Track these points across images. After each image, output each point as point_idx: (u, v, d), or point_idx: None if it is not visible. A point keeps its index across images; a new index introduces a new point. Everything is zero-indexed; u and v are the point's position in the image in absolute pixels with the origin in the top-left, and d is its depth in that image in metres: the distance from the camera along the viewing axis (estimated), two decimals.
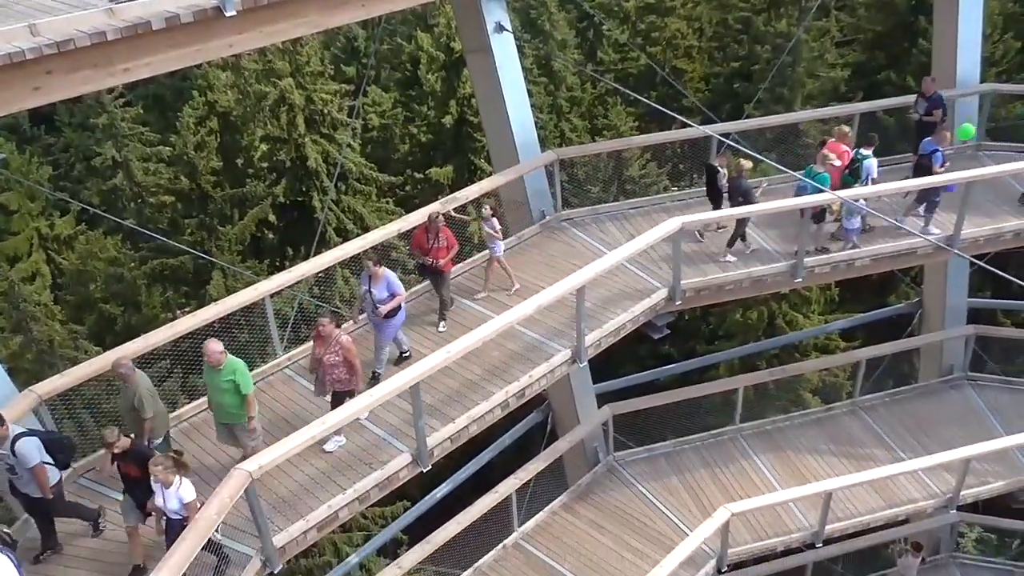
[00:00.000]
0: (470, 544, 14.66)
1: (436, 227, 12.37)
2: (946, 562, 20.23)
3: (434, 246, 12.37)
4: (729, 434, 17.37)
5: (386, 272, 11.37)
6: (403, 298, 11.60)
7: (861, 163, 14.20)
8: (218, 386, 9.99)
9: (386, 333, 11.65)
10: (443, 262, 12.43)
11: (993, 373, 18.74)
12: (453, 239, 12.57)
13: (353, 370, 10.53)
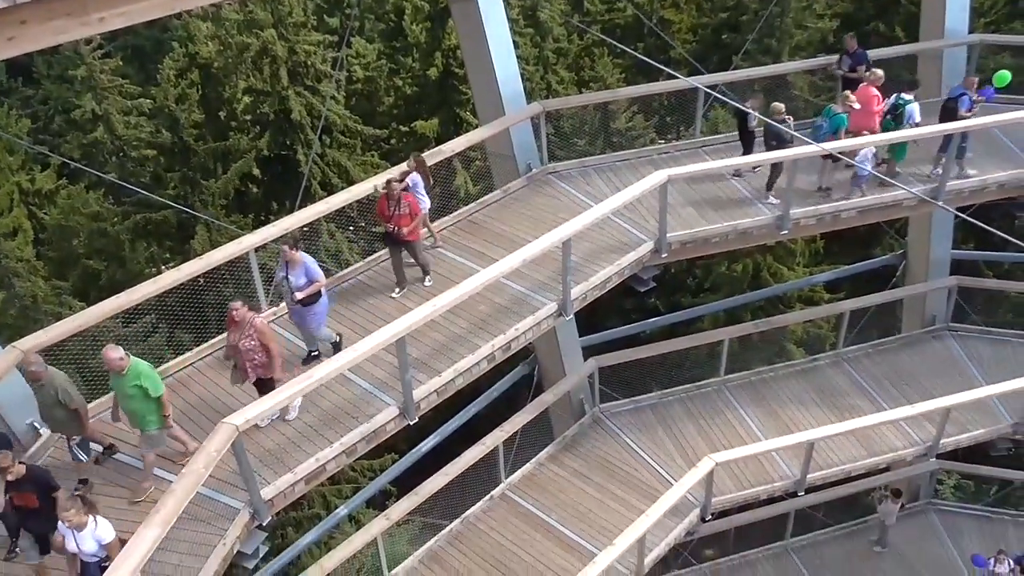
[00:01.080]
0: (458, 495, 14.83)
1: (396, 193, 11.91)
2: (925, 508, 20.67)
3: (395, 213, 11.90)
4: (714, 386, 17.54)
5: (304, 257, 10.78)
6: (322, 285, 10.95)
7: (904, 108, 14.14)
8: (125, 392, 9.40)
9: (309, 322, 11.05)
10: (406, 230, 11.96)
11: (974, 324, 18.94)
12: (416, 205, 12.11)
13: (271, 354, 10.01)
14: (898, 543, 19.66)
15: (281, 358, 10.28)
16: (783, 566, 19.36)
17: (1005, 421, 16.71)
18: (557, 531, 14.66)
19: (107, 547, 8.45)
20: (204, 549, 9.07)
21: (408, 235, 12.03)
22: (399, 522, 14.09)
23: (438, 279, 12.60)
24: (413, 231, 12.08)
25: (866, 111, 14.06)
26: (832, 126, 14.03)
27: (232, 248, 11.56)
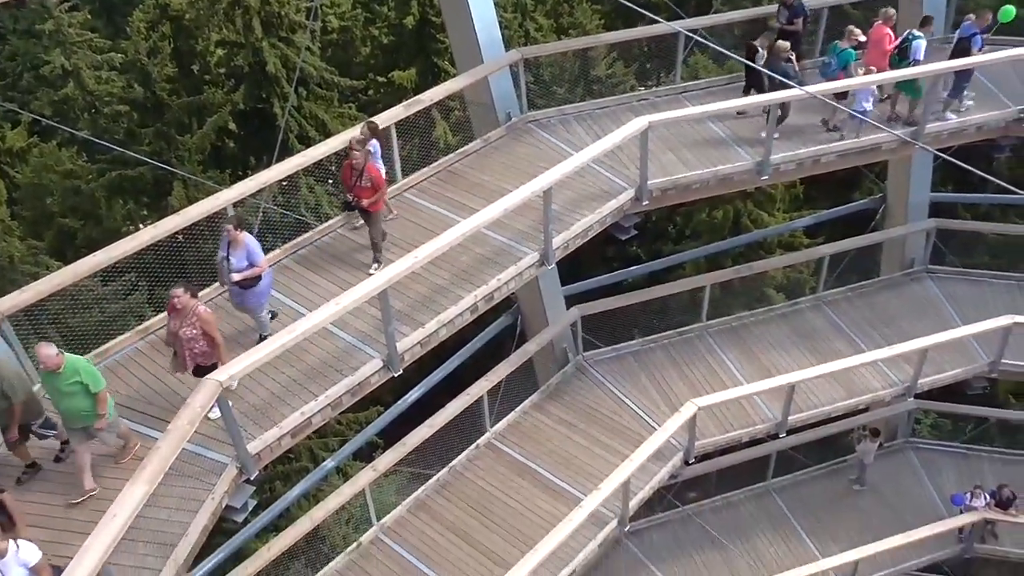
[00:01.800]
0: (443, 445, 14.97)
1: (360, 163, 11.49)
2: (903, 447, 21.08)
3: (357, 184, 11.53)
4: (696, 331, 17.69)
5: (247, 238, 10.40)
6: (262, 268, 10.50)
7: (910, 43, 14.03)
8: (63, 391, 8.94)
9: (250, 303, 10.69)
10: (367, 202, 11.56)
11: (952, 265, 19.14)
12: (380, 178, 11.66)
13: (214, 343, 9.69)
14: (876, 481, 20.08)
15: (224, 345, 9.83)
16: (765, 506, 19.75)
17: (981, 360, 17.00)
18: (543, 477, 14.86)
19: (35, 568, 7.74)
20: (193, 504, 9.15)
21: (369, 207, 11.66)
22: (386, 473, 14.23)
23: (416, 229, 12.53)
24: (375, 204, 11.68)
25: (879, 50, 13.96)
26: (840, 62, 13.97)
27: (210, 203, 11.42)
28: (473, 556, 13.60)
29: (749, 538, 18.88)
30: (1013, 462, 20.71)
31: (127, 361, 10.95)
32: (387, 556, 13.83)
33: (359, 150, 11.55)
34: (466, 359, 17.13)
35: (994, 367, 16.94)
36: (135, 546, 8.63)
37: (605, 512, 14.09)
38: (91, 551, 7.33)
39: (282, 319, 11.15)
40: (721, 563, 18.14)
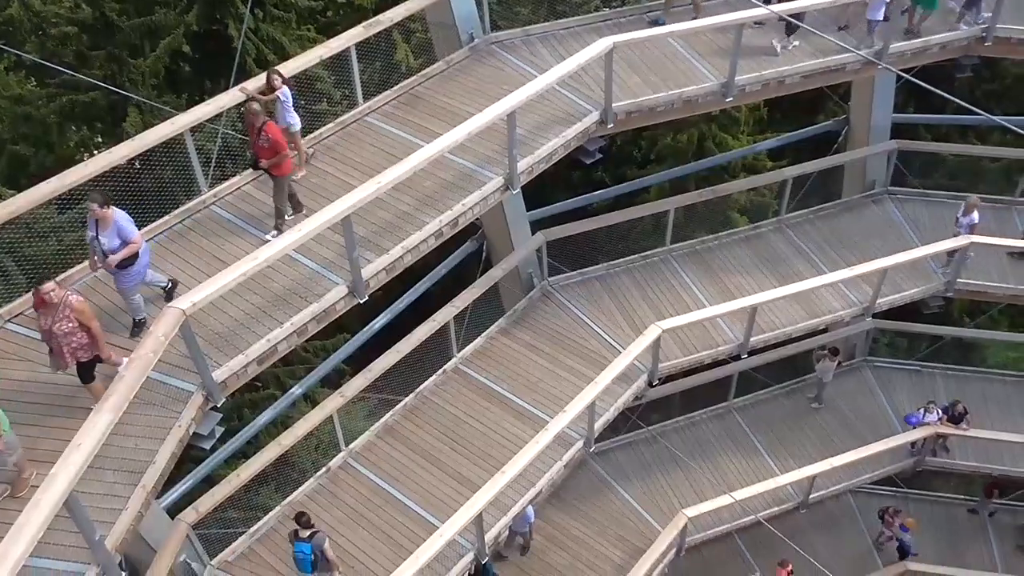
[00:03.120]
0: (411, 371, 15.06)
1: (258, 119, 10.72)
2: (860, 365, 21.61)
3: (258, 143, 10.82)
4: (660, 255, 17.80)
5: (116, 215, 9.50)
6: (138, 245, 9.66)
7: None
8: None
9: (127, 284, 9.85)
10: (265, 164, 10.87)
11: (912, 187, 19.34)
12: (281, 141, 10.82)
13: (92, 333, 8.98)
14: (834, 399, 20.62)
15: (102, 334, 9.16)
16: (727, 425, 20.22)
17: (938, 280, 17.34)
18: (509, 401, 15.05)
19: None
20: (159, 432, 9.17)
21: (271, 170, 10.96)
22: (354, 399, 14.31)
23: (380, 156, 12.36)
24: (277, 167, 10.92)
25: None
26: None
27: (166, 129, 11.13)
28: (441, 479, 13.83)
29: (711, 456, 19.37)
30: (965, 378, 21.39)
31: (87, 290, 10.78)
32: (356, 480, 14.02)
33: (256, 104, 10.91)
34: (432, 285, 17.14)
35: (950, 286, 17.32)
36: (103, 474, 8.67)
37: (571, 434, 14.34)
38: (58, 479, 7.35)
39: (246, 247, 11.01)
40: (684, 481, 18.62)
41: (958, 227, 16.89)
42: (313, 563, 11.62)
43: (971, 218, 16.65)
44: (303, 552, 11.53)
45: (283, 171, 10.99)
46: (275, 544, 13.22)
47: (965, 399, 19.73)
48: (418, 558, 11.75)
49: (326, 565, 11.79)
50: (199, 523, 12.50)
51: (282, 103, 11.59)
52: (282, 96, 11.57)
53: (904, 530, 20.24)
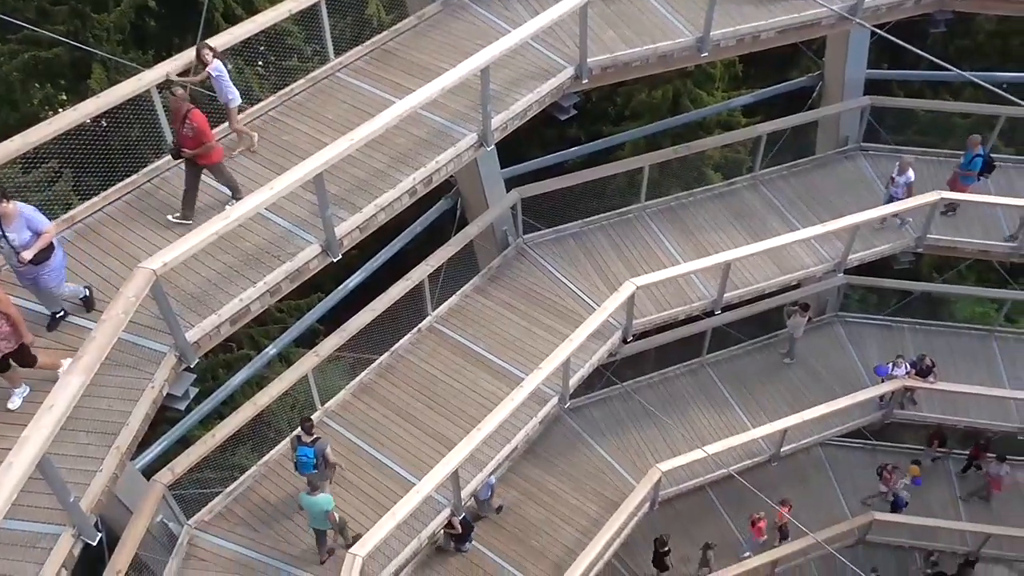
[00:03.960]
0: (386, 330, 15.04)
1: (182, 109, 10.15)
2: (831, 321, 21.90)
3: (182, 131, 10.23)
4: (634, 212, 17.80)
5: (20, 208, 8.82)
6: (51, 236, 9.01)
7: None
8: None
9: (45, 282, 9.24)
10: (188, 152, 10.30)
11: (884, 143, 19.42)
12: (205, 131, 10.19)
13: (11, 320, 8.41)
14: (805, 354, 20.91)
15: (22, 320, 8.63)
16: (700, 380, 20.47)
17: (909, 235, 17.50)
18: (485, 359, 15.09)
19: None
20: (133, 393, 9.10)
21: (197, 159, 10.40)
22: (329, 358, 14.28)
23: (353, 113, 12.19)
24: (204, 156, 10.39)
25: None
26: None
27: (132, 86, 10.88)
28: (417, 436, 13.90)
29: (684, 411, 19.62)
30: (933, 333, 21.75)
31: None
32: (333, 438, 14.01)
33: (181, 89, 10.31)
34: (406, 243, 17.07)
35: (920, 242, 17.48)
36: (76, 436, 8.61)
37: (546, 390, 14.44)
38: (30, 441, 7.29)
39: (215, 205, 10.86)
40: (658, 436, 18.85)
41: (894, 187, 16.93)
42: (315, 466, 12.17)
43: (907, 176, 16.70)
44: (306, 456, 12.10)
45: (211, 159, 10.51)
46: (252, 503, 13.27)
47: (933, 353, 20.07)
48: (395, 514, 11.85)
49: (325, 471, 12.31)
50: (175, 484, 12.50)
51: (217, 78, 11.02)
52: (214, 71, 10.97)
53: (916, 482, 20.78)
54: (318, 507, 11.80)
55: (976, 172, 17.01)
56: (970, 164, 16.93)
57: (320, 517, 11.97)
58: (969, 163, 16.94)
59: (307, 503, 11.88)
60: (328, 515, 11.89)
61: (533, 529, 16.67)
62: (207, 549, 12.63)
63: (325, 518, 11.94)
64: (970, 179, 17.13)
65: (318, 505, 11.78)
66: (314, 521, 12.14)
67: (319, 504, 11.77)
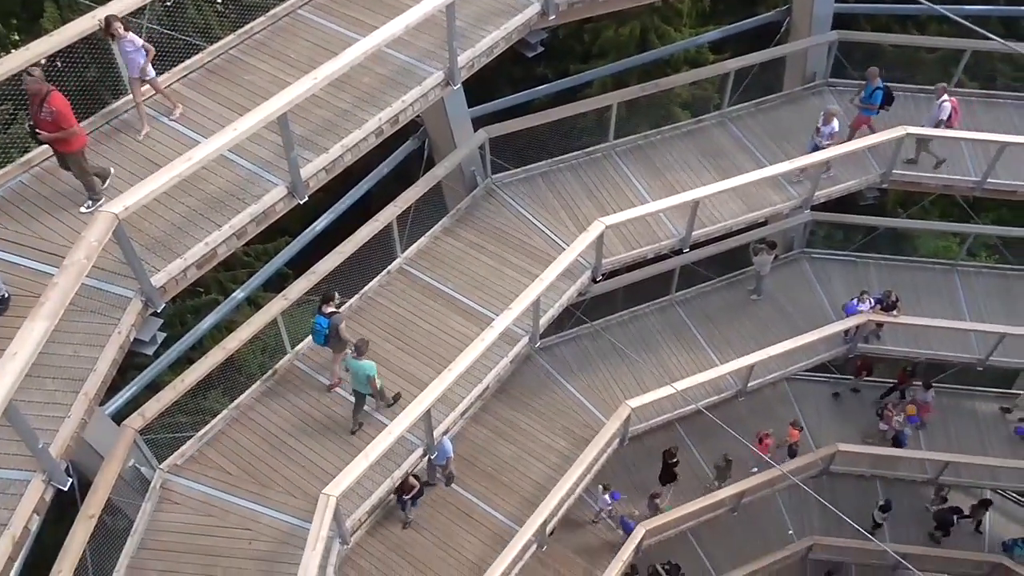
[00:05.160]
0: (355, 272, 14.97)
1: (42, 87, 9.28)
2: (797, 258, 22.16)
3: (39, 114, 9.38)
4: (603, 151, 17.72)
5: None
6: None
7: None
8: None
9: None
10: (47, 137, 9.52)
11: (852, 79, 19.40)
12: (65, 115, 9.34)
13: None
14: (773, 290, 21.17)
15: None
16: (668, 318, 20.68)
17: (874, 171, 17.63)
18: (455, 300, 15.11)
19: None
20: (99, 339, 9.02)
21: (55, 145, 9.68)
22: (298, 302, 14.21)
23: (316, 51, 11.93)
24: (64, 142, 9.57)
25: None
26: None
27: (86, 23, 10.53)
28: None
29: (654, 349, 19.86)
30: (897, 268, 22.12)
31: (13, 196, 10.40)
32: (303, 381, 14.07)
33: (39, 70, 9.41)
34: (374, 185, 16.89)
35: (885, 177, 17.61)
36: (43, 382, 8.56)
37: (516, 330, 14.52)
38: None
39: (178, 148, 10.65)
40: (627, 373, 19.09)
41: (819, 136, 16.83)
42: (326, 337, 12.94)
43: (831, 127, 16.63)
44: (320, 325, 12.90)
45: (71, 147, 9.65)
46: (224, 446, 13.30)
47: (897, 287, 20.42)
48: (368, 455, 11.96)
49: (339, 344, 13.03)
50: (146, 428, 12.49)
51: (129, 52, 10.45)
52: (130, 45, 10.38)
53: (913, 420, 21.36)
54: (362, 371, 12.52)
55: (877, 105, 17.06)
56: (871, 97, 16.97)
57: (363, 380, 12.64)
58: (870, 96, 16.97)
59: (353, 366, 12.59)
60: (370, 380, 12.54)
61: (505, 466, 16.94)
62: (180, 492, 12.68)
63: (367, 382, 12.60)
64: (871, 112, 17.19)
65: (363, 369, 12.51)
66: (356, 384, 12.82)
67: (364, 369, 12.50)
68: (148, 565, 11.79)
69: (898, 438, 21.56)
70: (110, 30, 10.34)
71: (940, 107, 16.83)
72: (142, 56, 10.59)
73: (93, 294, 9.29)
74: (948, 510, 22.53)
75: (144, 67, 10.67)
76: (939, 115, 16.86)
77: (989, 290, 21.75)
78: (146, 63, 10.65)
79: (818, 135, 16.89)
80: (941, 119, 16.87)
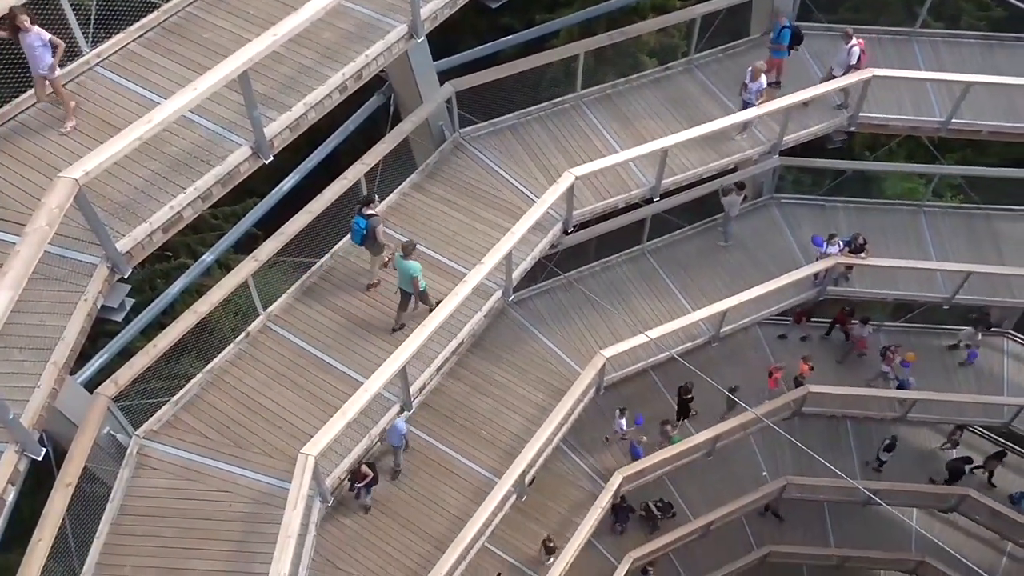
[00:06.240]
0: (325, 232, 14.83)
1: None
2: (767, 203, 22.29)
3: None
4: (571, 102, 17.58)
5: None
6: None
7: None
8: None
9: None
10: None
11: (818, 22, 19.33)
12: None
13: None
14: (743, 236, 21.33)
15: None
16: (640, 267, 20.79)
17: (842, 114, 17.66)
18: (427, 256, 15.00)
19: None
20: (65, 307, 8.93)
21: None
22: (269, 263, 14.09)
23: (275, 6, 11.62)
24: None
25: None
26: None
27: None
28: (363, 336, 13.92)
29: (626, 298, 19.98)
30: (865, 210, 22.35)
31: None
32: (277, 343, 14.01)
33: None
34: (340, 143, 16.67)
35: (853, 120, 17.66)
36: (10, 353, 8.49)
37: (489, 284, 14.51)
38: None
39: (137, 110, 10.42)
40: (601, 323, 19.22)
41: (747, 93, 16.68)
42: (364, 237, 13.70)
43: (759, 84, 16.52)
44: (359, 225, 13.62)
45: None
46: (200, 410, 13.25)
47: (865, 230, 20.63)
48: (346, 412, 11.98)
49: (375, 246, 13.89)
50: (120, 395, 12.40)
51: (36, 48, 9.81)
52: (37, 39, 9.78)
53: (905, 365, 21.75)
54: (407, 271, 13.16)
55: (786, 45, 17.04)
56: (779, 37, 16.96)
57: (407, 280, 13.30)
58: (778, 36, 16.96)
59: (400, 266, 13.25)
60: (413, 281, 13.15)
61: (482, 420, 17.07)
62: (158, 458, 12.65)
63: (411, 282, 13.23)
64: (781, 52, 17.17)
65: (408, 270, 13.14)
66: (402, 282, 13.55)
67: (409, 269, 13.12)
68: (129, 530, 11.79)
69: (902, 384, 21.97)
70: (17, 23, 9.63)
71: (849, 51, 16.77)
72: (49, 53, 9.98)
73: (57, 262, 9.16)
74: (960, 460, 23.21)
75: (54, 64, 10.01)
76: (848, 60, 16.80)
77: (954, 230, 22.08)
78: (55, 60, 10.03)
79: (746, 91, 16.73)
80: (851, 64, 16.82)
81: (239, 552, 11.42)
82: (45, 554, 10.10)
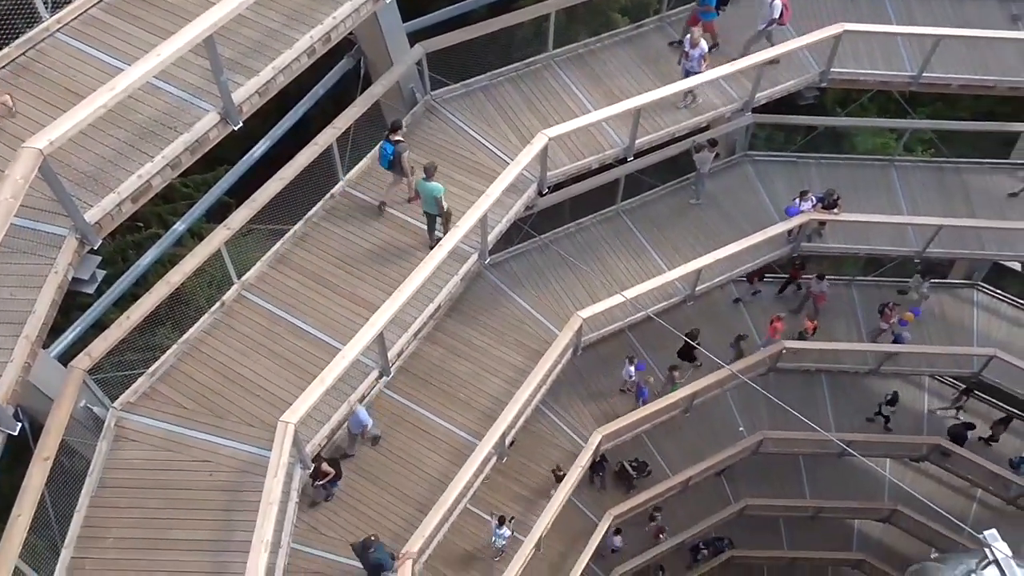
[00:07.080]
0: (298, 199, 14.68)
1: None
2: (740, 161, 22.34)
3: None
4: (542, 62, 17.42)
5: None
6: None
7: None
8: None
9: None
10: None
11: None
12: None
13: None
14: (717, 194, 21.38)
15: None
16: (615, 227, 20.80)
17: (813, 70, 17.67)
18: (402, 220, 14.98)
19: None
20: (35, 280, 8.83)
21: None
22: (242, 231, 13.94)
23: None
24: None
25: None
26: None
27: None
28: (339, 303, 13.87)
29: (602, 258, 20.01)
30: (837, 166, 22.48)
31: None
32: (252, 311, 13.92)
33: None
34: (311, 108, 16.46)
35: (824, 76, 17.67)
36: None
37: (465, 248, 14.47)
38: None
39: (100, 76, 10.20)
40: (577, 283, 19.25)
41: (688, 61, 16.55)
42: (391, 162, 14.30)
43: (700, 49, 16.38)
44: (386, 151, 14.24)
45: None
46: (177, 381, 13.18)
47: (837, 186, 20.74)
48: (324, 380, 11.97)
49: (399, 171, 14.46)
50: (95, 368, 12.29)
51: None
52: None
53: (902, 324, 21.98)
54: (430, 192, 13.69)
55: (713, 6, 16.97)
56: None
57: (431, 201, 13.82)
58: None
59: (423, 188, 13.76)
60: (437, 200, 13.67)
61: (460, 382, 17.13)
62: (136, 429, 12.59)
63: (435, 203, 13.75)
64: (710, 15, 17.09)
65: (431, 191, 13.67)
66: (426, 205, 14.05)
67: (431, 190, 13.67)
68: (110, 503, 11.77)
69: (897, 339, 22.24)
70: None
71: (771, 6, 16.67)
72: None
73: (24, 234, 9.03)
74: (962, 425, 23.64)
75: None
76: (771, 14, 16.69)
77: (925, 184, 22.26)
78: None
79: (687, 59, 16.61)
80: (773, 18, 16.74)
81: (222, 521, 11.44)
82: (25, 529, 10.06)
